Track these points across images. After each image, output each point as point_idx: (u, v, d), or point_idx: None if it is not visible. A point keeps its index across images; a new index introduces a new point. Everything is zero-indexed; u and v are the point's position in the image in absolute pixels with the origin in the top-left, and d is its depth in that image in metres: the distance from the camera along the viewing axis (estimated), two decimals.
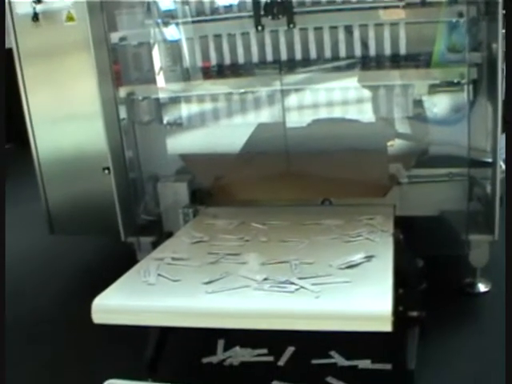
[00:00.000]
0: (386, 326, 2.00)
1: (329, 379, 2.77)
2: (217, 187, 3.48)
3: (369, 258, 2.46)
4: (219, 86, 3.39)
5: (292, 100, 3.40)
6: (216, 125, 3.54)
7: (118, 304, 2.29)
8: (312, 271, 2.36)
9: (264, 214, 3.13)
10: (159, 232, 3.34)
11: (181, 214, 3.34)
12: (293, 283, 2.26)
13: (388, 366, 2.82)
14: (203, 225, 3.11)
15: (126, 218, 3.45)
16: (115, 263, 2.47)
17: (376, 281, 2.28)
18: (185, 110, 3.56)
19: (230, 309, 2.17)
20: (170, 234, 3.09)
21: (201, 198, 3.49)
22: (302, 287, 2.23)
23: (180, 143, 3.63)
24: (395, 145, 3.40)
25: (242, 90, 3.39)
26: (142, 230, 3.51)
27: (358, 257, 2.45)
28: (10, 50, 3.54)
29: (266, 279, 2.32)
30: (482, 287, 3.35)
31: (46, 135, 3.63)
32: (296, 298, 2.18)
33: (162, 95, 3.49)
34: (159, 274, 2.45)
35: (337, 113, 3.40)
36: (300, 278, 2.29)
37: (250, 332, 2.83)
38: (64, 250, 4.39)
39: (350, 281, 2.27)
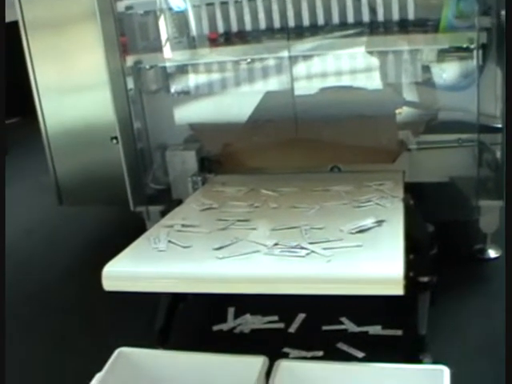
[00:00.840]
0: (398, 290, 1.99)
1: (339, 345, 2.77)
2: (225, 155, 3.47)
3: (379, 222, 2.45)
4: (226, 54, 3.35)
5: (300, 68, 3.39)
6: (224, 94, 3.52)
7: (128, 271, 2.28)
8: (322, 236, 2.35)
9: (273, 181, 3.12)
10: (168, 201, 3.31)
11: (190, 183, 3.33)
12: (304, 248, 2.25)
13: (399, 332, 2.82)
14: (212, 192, 3.10)
15: (135, 188, 3.44)
16: (124, 233, 2.47)
17: (387, 245, 2.27)
18: (192, 79, 3.55)
19: (240, 274, 2.16)
20: (179, 202, 3.07)
21: (209, 166, 3.48)
22: (312, 252, 2.22)
23: (188, 112, 3.62)
24: (404, 112, 3.37)
25: (250, 58, 3.34)
26: (151, 199, 3.50)
27: (368, 222, 2.44)
28: (16, 21, 3.50)
29: (276, 244, 2.30)
30: (493, 253, 3.35)
31: (54, 107, 3.61)
32: (307, 262, 2.17)
33: (168, 63, 3.46)
34: (169, 241, 2.44)
35: (345, 80, 3.38)
36: (311, 243, 2.28)
37: (260, 299, 2.84)
38: (73, 221, 4.40)
39: (361, 245, 2.26)
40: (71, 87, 3.56)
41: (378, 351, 2.34)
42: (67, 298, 3.46)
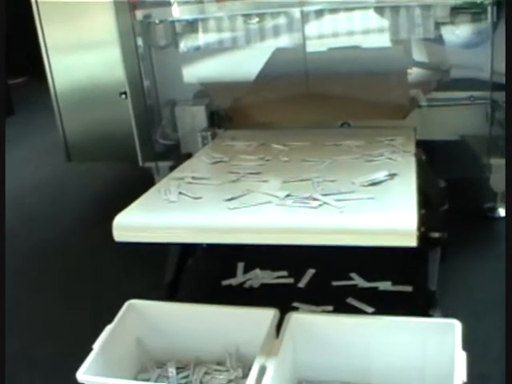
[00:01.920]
0: (412, 241, 1.97)
1: (349, 300, 2.77)
2: (235, 110, 3.45)
3: (392, 176, 2.43)
4: (237, 9, 3.31)
5: (311, 24, 3.34)
6: (233, 50, 3.48)
7: (139, 221, 2.26)
8: (335, 188, 2.33)
9: (284, 135, 3.10)
10: (177, 156, 3.29)
11: (199, 138, 3.31)
12: (316, 199, 2.23)
13: (409, 288, 2.82)
14: (222, 146, 3.08)
15: (144, 143, 3.43)
16: (133, 189, 2.45)
17: (400, 197, 2.25)
18: (201, 35, 3.50)
19: (252, 224, 2.14)
20: (189, 155, 3.06)
21: (219, 121, 3.47)
22: (325, 203, 2.21)
23: (197, 69, 3.59)
24: (415, 69, 3.33)
25: (260, 13, 3.30)
26: (160, 155, 3.49)
27: (380, 175, 2.42)
28: None
29: (288, 196, 2.29)
30: (503, 212, 3.33)
31: (62, 64, 3.60)
32: (319, 213, 2.16)
33: (178, 18, 3.42)
34: (180, 193, 2.42)
35: (356, 38, 3.33)
36: (323, 195, 2.27)
37: (270, 255, 2.85)
38: (81, 178, 4.40)
39: (373, 197, 2.24)
40: (80, 45, 3.54)
41: (388, 307, 2.34)
42: (76, 252, 3.47)
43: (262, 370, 1.98)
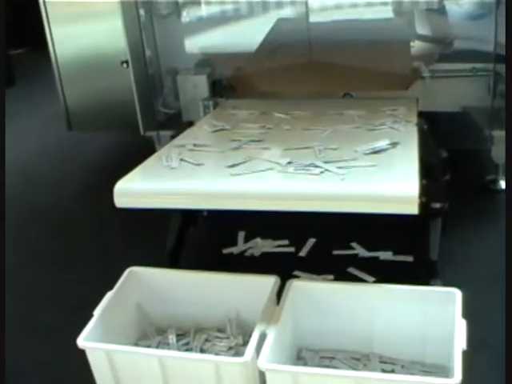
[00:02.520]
0: (413, 209, 1.96)
1: (350, 270, 2.77)
2: (237, 79, 3.44)
3: (393, 144, 2.42)
4: None
5: None
6: (236, 20, 3.45)
7: (140, 187, 2.26)
8: (337, 156, 2.32)
9: (286, 105, 3.09)
10: (178, 126, 3.27)
11: (201, 107, 3.31)
12: (318, 166, 2.23)
13: (409, 258, 2.82)
14: (224, 115, 3.07)
15: (145, 112, 3.42)
16: (134, 158, 2.44)
17: (402, 165, 2.25)
18: (204, 4, 3.49)
19: (254, 190, 2.14)
20: (190, 123, 3.04)
21: (221, 90, 3.45)
22: (327, 170, 2.20)
23: (198, 39, 3.56)
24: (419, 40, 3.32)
25: None
26: (162, 125, 3.47)
27: (382, 143, 2.41)
28: None
29: (290, 163, 2.28)
30: (504, 184, 3.31)
31: (64, 34, 3.57)
32: (321, 179, 2.15)
33: None
34: (181, 159, 2.42)
35: (360, 9, 3.31)
36: (325, 162, 2.26)
37: (271, 224, 2.84)
38: (82, 147, 4.39)
39: (375, 165, 2.23)
40: (82, 14, 3.51)
41: (389, 276, 2.32)
42: (77, 219, 3.47)
43: (263, 337, 1.98)
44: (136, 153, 2.52)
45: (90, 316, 2.11)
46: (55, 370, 2.38)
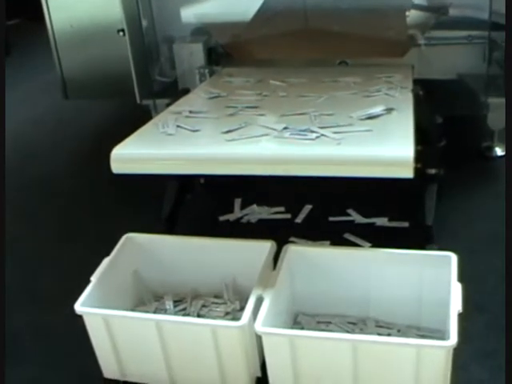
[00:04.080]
0: (408, 172, 1.95)
1: (346, 236, 2.76)
2: (233, 46, 3.41)
3: (389, 110, 2.41)
4: None
5: None
6: None
7: (137, 153, 2.23)
8: (332, 121, 2.31)
9: (282, 73, 3.08)
10: (174, 94, 3.25)
11: (197, 75, 3.29)
12: (313, 131, 2.21)
13: (405, 224, 2.82)
14: (220, 82, 3.06)
15: (142, 80, 3.40)
16: (130, 126, 2.41)
17: (397, 130, 2.23)
18: None
19: (250, 155, 2.12)
20: (186, 91, 3.02)
21: (217, 58, 3.43)
22: (322, 135, 2.18)
23: (195, 7, 3.54)
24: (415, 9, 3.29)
25: None
26: (158, 93, 3.45)
27: (378, 109, 2.40)
28: None
29: (285, 128, 2.26)
30: (499, 151, 3.33)
31: (59, 2, 3.52)
32: (317, 144, 2.13)
33: None
34: (178, 126, 2.39)
35: None
36: (320, 127, 2.24)
37: (267, 191, 2.83)
38: (79, 115, 4.37)
39: (371, 130, 2.21)
40: None
41: (385, 242, 2.31)
42: (74, 187, 3.47)
43: (259, 302, 1.97)
44: (132, 121, 2.50)
45: (87, 282, 2.08)
46: (54, 335, 2.39)
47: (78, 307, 1.99)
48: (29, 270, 2.76)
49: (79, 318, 2.00)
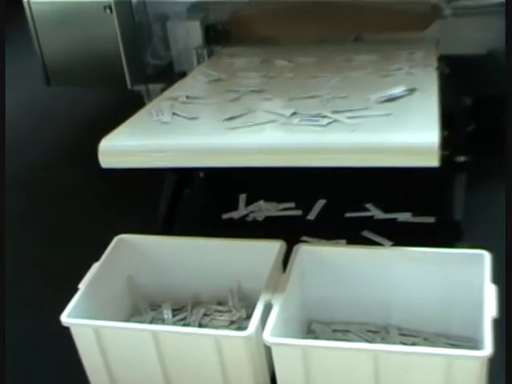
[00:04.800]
0: (433, 161, 1.94)
1: (364, 233, 2.76)
2: (234, 23, 3.41)
3: (411, 91, 2.40)
4: None
5: None
6: None
7: (128, 144, 2.23)
8: (346, 105, 2.31)
9: (289, 51, 3.09)
10: (170, 78, 3.26)
11: (194, 56, 3.29)
12: (325, 116, 2.21)
13: (431, 219, 2.82)
14: (220, 64, 3.07)
15: (132, 64, 3.40)
16: (120, 115, 2.41)
17: (420, 113, 2.23)
18: None
19: (255, 145, 2.12)
20: (183, 74, 3.03)
21: (216, 36, 3.42)
22: (335, 121, 2.18)
23: None
24: None
25: None
26: (151, 77, 3.45)
27: (398, 90, 2.39)
28: None
29: (294, 114, 2.27)
30: None
31: None
32: (329, 131, 2.13)
33: None
34: (174, 113, 2.40)
35: None
36: (333, 112, 2.24)
37: (275, 185, 2.83)
38: (63, 104, 4.38)
39: (390, 114, 2.21)
40: None
41: (408, 240, 2.30)
42: (62, 182, 3.47)
43: (268, 309, 1.97)
44: (123, 109, 2.50)
45: (75, 290, 2.09)
46: (40, 348, 2.40)
47: (65, 318, 1.99)
48: (9, 276, 2.76)
49: (67, 329, 1.99)
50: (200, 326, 2.31)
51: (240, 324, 2.28)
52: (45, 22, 3.56)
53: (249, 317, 2.07)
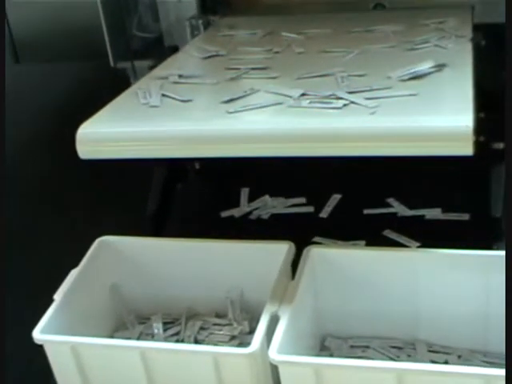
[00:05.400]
0: (467, 148, 1.94)
1: (387, 233, 2.76)
2: None
3: (440, 67, 2.40)
4: None
5: None
6: None
7: (111, 131, 2.22)
8: (365, 84, 2.31)
9: (297, 22, 3.09)
10: (159, 53, 3.26)
11: (188, 28, 3.29)
12: (340, 98, 2.21)
13: (465, 216, 2.81)
14: (218, 37, 3.08)
15: (116, 37, 3.38)
16: (102, 96, 2.41)
17: (451, 93, 2.23)
18: None
19: (258, 131, 2.11)
20: (174, 49, 3.03)
21: (213, 5, 3.42)
22: (352, 102, 2.18)
23: None
24: None
25: None
26: (138, 53, 3.45)
27: (425, 66, 2.39)
28: None
29: (303, 95, 2.26)
30: None
31: None
32: (345, 114, 2.13)
33: None
34: (163, 95, 2.40)
35: None
36: (349, 92, 2.24)
37: (282, 178, 2.84)
38: (35, 84, 4.38)
39: (415, 94, 2.21)
40: None
41: (438, 240, 2.30)
42: (32, 174, 3.47)
43: (274, 321, 1.98)
44: (104, 91, 2.50)
45: (50, 301, 2.10)
46: (11, 366, 2.39)
47: (38, 334, 2.00)
48: None
49: (41, 347, 2.00)
50: (196, 341, 2.33)
51: (242, 339, 2.29)
52: None
53: (252, 331, 2.08)
